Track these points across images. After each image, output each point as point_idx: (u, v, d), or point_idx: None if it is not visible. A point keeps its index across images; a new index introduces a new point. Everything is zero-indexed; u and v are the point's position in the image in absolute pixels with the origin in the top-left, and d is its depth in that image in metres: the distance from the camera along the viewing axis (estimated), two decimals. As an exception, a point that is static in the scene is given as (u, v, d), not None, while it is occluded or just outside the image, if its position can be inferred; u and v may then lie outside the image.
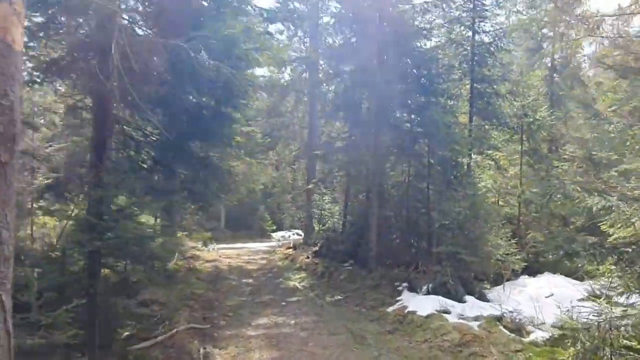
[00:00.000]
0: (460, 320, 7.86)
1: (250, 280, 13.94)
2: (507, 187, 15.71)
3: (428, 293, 9.85)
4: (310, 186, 17.31)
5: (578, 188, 4.65)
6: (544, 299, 10.66)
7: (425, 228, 13.79)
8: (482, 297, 9.81)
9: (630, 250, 4.35)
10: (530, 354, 5.98)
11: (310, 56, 20.04)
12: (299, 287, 13.38)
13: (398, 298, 10.07)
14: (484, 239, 10.97)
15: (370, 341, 7.47)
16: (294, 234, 31.76)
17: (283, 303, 10.69)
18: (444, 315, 8.16)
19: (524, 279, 12.95)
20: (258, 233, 31.35)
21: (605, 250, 4.47)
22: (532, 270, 13.43)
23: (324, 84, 22.40)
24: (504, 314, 7.78)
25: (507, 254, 11.85)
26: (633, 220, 4.30)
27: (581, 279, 13.15)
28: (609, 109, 17.65)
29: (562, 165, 16.78)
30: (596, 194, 4.32)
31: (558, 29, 18.73)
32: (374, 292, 10.99)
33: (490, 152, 15.29)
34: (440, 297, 9.24)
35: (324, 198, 24.37)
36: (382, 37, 13.76)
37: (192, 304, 9.37)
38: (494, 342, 6.68)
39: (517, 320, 7.56)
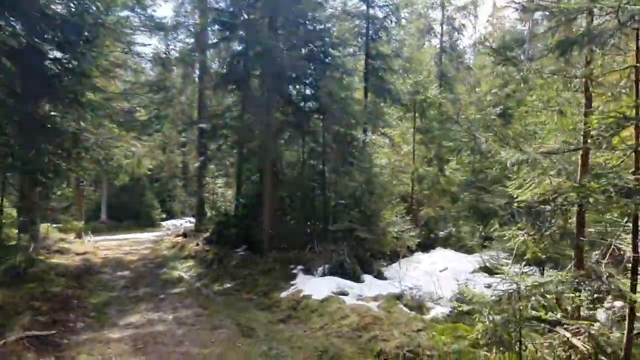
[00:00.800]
0: (359, 302, 7.24)
1: (127, 273, 12.18)
2: (400, 164, 15.72)
3: (324, 275, 9.16)
4: (196, 164, 15.71)
5: (491, 140, 4.09)
6: (439, 274, 10.61)
7: (321, 208, 13.17)
8: (380, 276, 9.39)
9: (547, 207, 3.91)
10: (434, 332, 5.47)
11: (197, 23, 18.22)
12: (185, 276, 11.99)
13: (292, 282, 9.24)
14: (380, 215, 10.58)
15: (260, 333, 6.50)
16: (186, 222, 29.66)
17: (162, 296, 9.28)
18: (342, 297, 7.47)
19: (418, 254, 12.97)
20: (147, 222, 28.69)
21: (523, 208, 4.00)
22: (426, 246, 13.55)
23: (215, 59, 20.75)
24: (404, 292, 7.31)
25: (402, 231, 11.66)
26: (551, 173, 3.86)
27: (470, 252, 13.61)
28: (488, 92, 18.66)
29: (448, 145, 17.31)
30: (511, 145, 3.81)
31: (446, 12, 19.28)
32: (266, 278, 10.04)
33: (384, 129, 15.13)
34: (337, 278, 8.60)
35: (216, 181, 22.84)
36: (275, 4, 12.64)
37: (40, 305, 7.55)
38: (394, 322, 6.10)
39: (417, 297, 7.13)
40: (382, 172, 12.16)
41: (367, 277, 8.97)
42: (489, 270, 10.50)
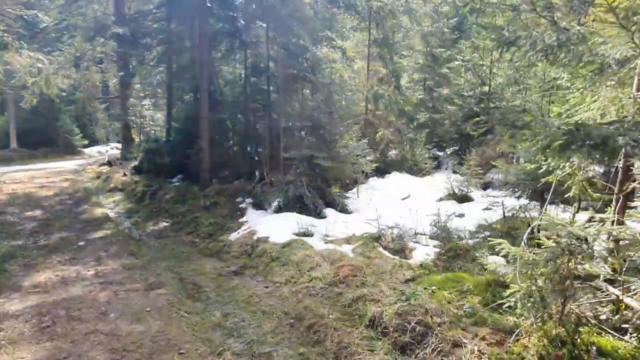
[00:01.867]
0: (328, 245, 6.04)
1: (39, 213, 10.19)
2: (354, 82, 14.22)
3: (280, 210, 7.86)
4: (114, 81, 13.30)
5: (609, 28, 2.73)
6: (402, 202, 9.72)
7: (267, 131, 11.58)
8: (344, 209, 8.23)
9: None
10: (432, 287, 4.40)
11: None
12: (111, 214, 10.27)
13: (242, 220, 7.89)
14: (340, 140, 9.23)
15: (209, 292, 5.18)
16: (112, 149, 26.89)
17: (82, 243, 7.60)
18: (306, 239, 6.24)
19: (375, 180, 12.02)
20: (66, 150, 25.49)
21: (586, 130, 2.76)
22: (380, 170, 12.61)
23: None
24: (382, 232, 6.15)
25: (358, 155, 10.49)
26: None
27: (423, 175, 12.89)
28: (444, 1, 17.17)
29: (400, 62, 15.93)
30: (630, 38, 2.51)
31: None
32: (210, 214, 8.60)
33: (337, 42, 13.37)
34: (296, 215, 7.34)
35: (143, 103, 20.26)
36: None
37: None
38: (377, 272, 4.99)
39: (398, 238, 5.99)
40: (342, 89, 10.60)
41: (329, 212, 7.79)
42: (458, 197, 9.75)
